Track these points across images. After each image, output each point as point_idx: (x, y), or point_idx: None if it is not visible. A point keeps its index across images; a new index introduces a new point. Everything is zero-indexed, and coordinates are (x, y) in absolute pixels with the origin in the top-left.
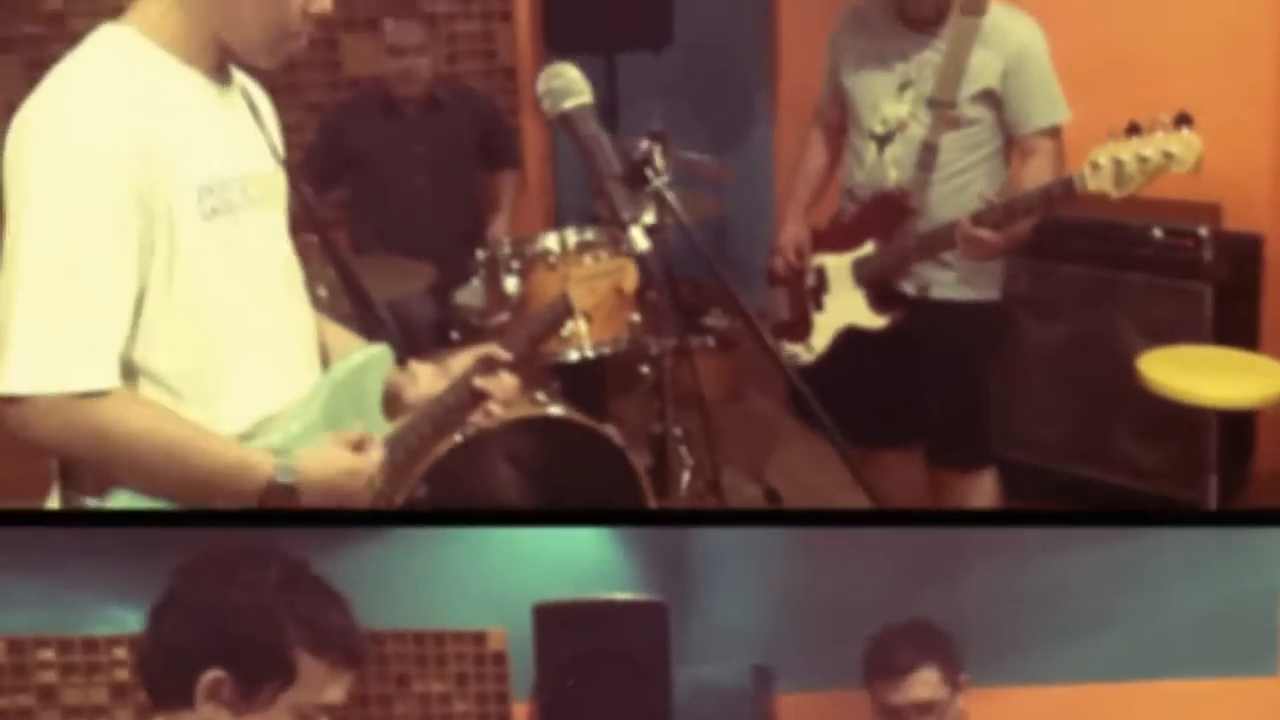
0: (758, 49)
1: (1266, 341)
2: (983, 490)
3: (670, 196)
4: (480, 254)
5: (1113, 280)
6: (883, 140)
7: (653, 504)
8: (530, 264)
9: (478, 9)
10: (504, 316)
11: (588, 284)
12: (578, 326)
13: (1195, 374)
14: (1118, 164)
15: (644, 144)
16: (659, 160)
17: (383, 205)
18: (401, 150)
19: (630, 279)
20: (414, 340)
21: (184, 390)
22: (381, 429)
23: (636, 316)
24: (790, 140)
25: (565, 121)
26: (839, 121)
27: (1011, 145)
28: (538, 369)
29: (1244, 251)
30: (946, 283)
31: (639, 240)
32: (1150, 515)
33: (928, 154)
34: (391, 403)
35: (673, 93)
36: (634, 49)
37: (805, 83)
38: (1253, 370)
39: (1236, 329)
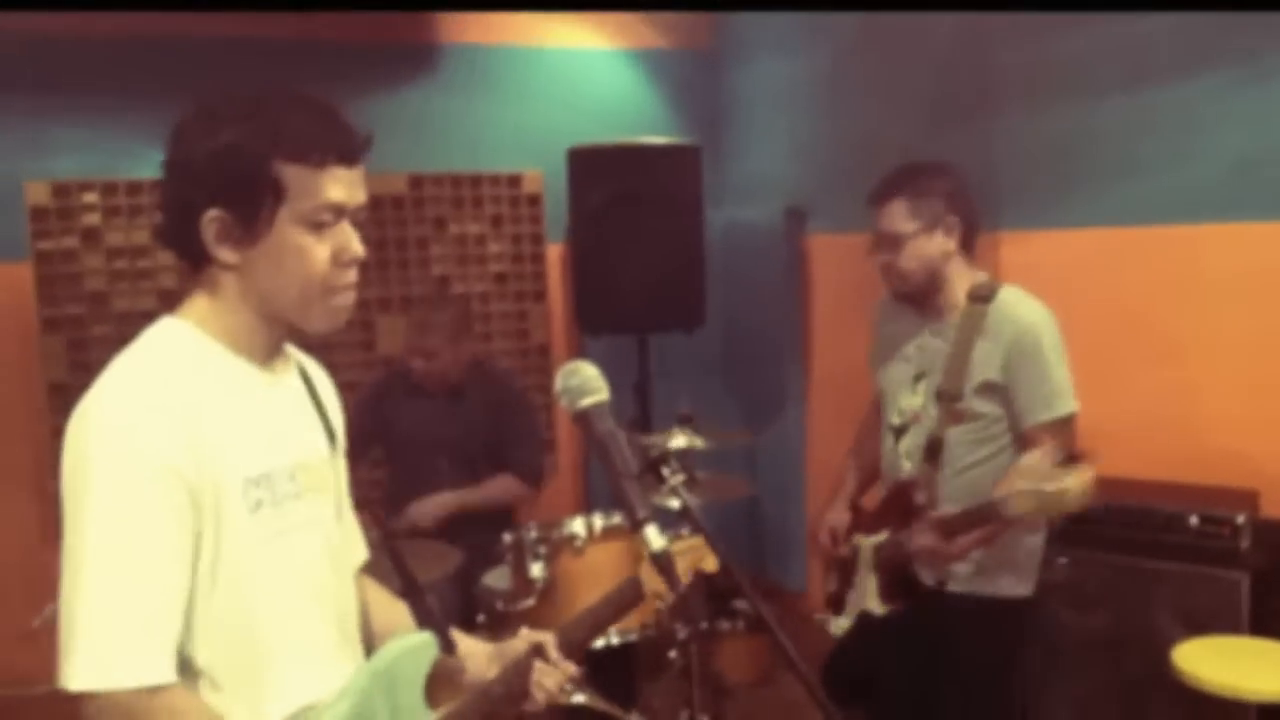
0: (790, 330)
1: None
2: None
3: (685, 496)
4: (507, 537)
5: (1149, 569)
6: (899, 431)
7: None
8: (556, 548)
9: (512, 289)
10: (530, 601)
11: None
12: None
13: (1232, 666)
14: (1038, 494)
15: (669, 436)
16: (674, 461)
17: (409, 487)
18: (426, 432)
19: (711, 559)
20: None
21: (225, 682)
22: (421, 718)
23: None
24: (821, 419)
25: (582, 419)
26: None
27: (1018, 436)
28: None
29: None
30: (963, 576)
31: (654, 539)
32: None
33: (934, 446)
34: (441, 687)
35: (706, 371)
36: (666, 330)
37: (835, 364)
38: None
39: (1274, 619)
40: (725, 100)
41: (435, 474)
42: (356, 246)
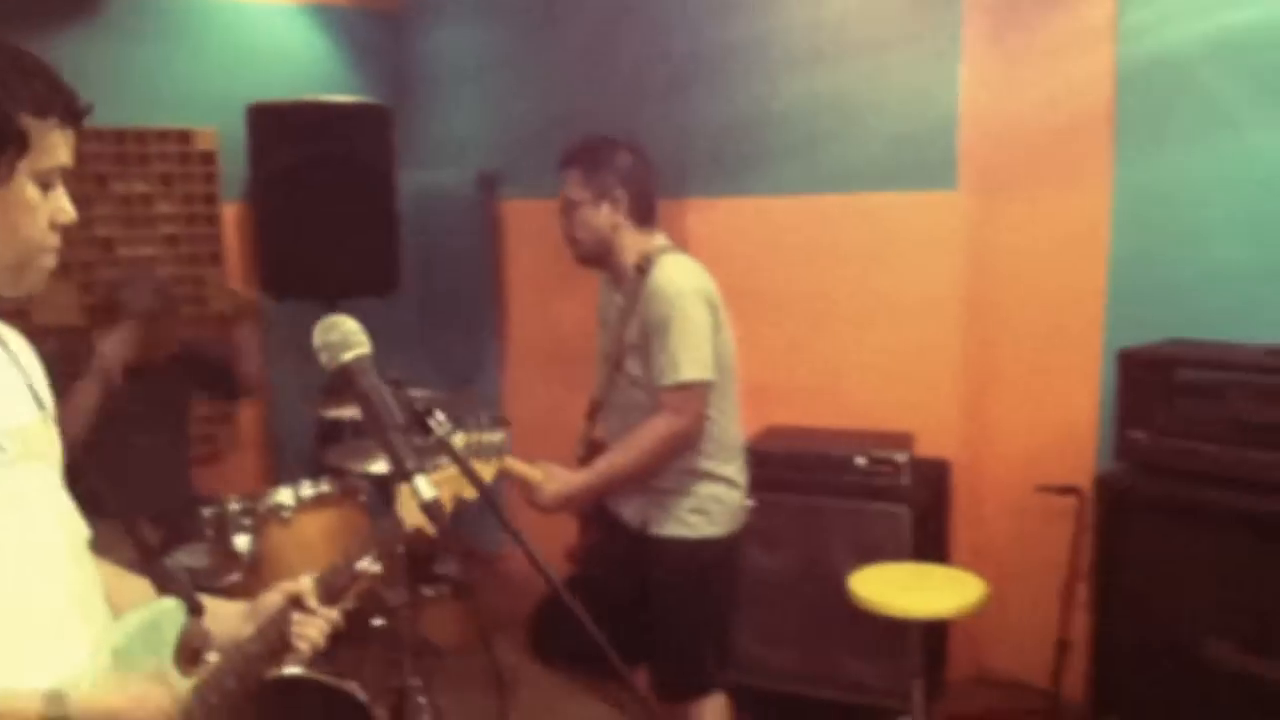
0: (486, 295)
1: (955, 556)
2: (715, 715)
3: (456, 445)
4: (207, 512)
5: (825, 507)
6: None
7: None
8: (262, 520)
9: (185, 252)
10: (235, 576)
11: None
12: None
13: (899, 590)
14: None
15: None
16: (441, 411)
17: (103, 469)
18: (116, 412)
19: (469, 488)
20: None
21: None
22: (178, 685)
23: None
24: (518, 384)
25: (345, 374)
26: None
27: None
28: None
29: (935, 475)
30: (659, 521)
31: (425, 489)
32: None
33: (595, 406)
34: (190, 656)
35: (401, 337)
36: (358, 295)
37: (532, 329)
38: (947, 583)
39: (932, 546)
40: (413, 64)
41: (128, 455)
42: (71, 210)
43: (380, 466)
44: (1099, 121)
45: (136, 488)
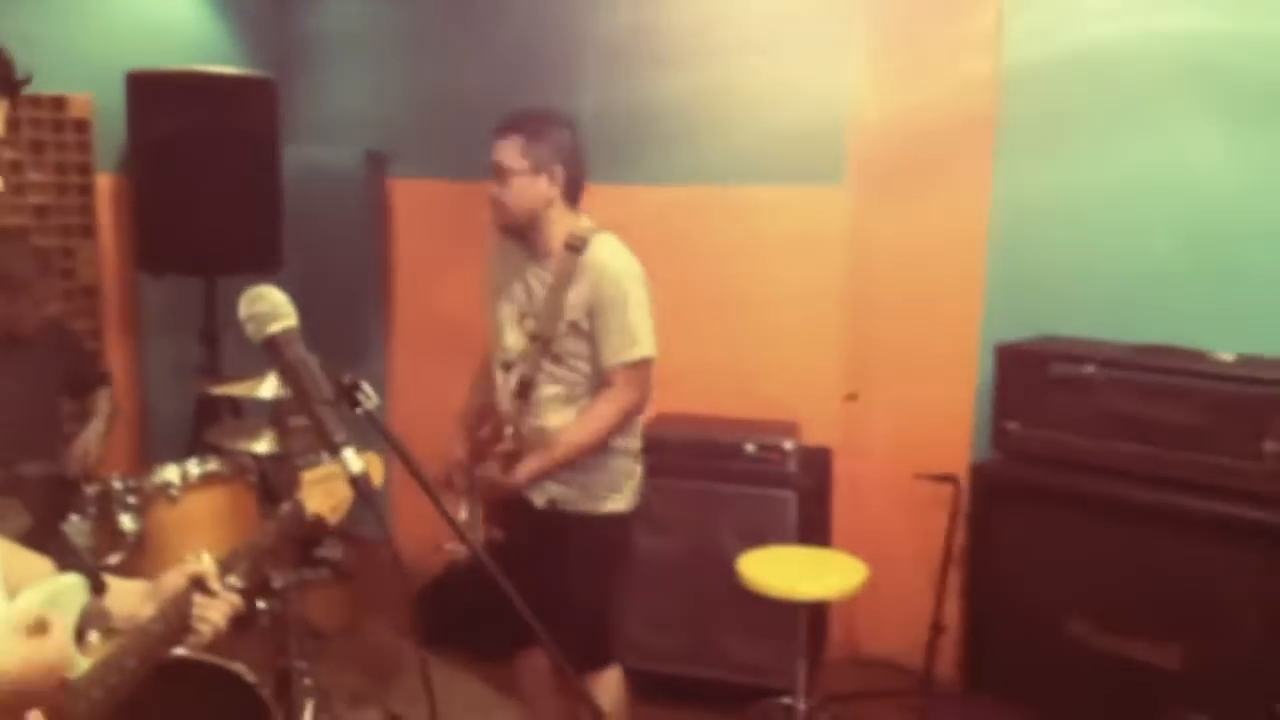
0: (372, 276)
1: (837, 541)
2: (610, 689)
3: (378, 417)
4: (90, 489)
5: (714, 492)
6: (506, 368)
7: None
8: (149, 499)
9: (56, 223)
10: (119, 555)
11: (321, 486)
12: None
13: (785, 573)
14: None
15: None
16: (365, 384)
17: None
18: None
19: (377, 473)
20: None
21: None
22: (75, 667)
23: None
24: (403, 366)
25: (271, 346)
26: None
27: (598, 375)
28: None
29: (819, 462)
30: (569, 498)
31: (354, 462)
32: None
33: (526, 384)
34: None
35: None
36: (239, 273)
37: (418, 311)
38: (830, 566)
39: (816, 530)
40: (301, 36)
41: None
42: None
43: (263, 446)
44: (981, 125)
45: (9, 463)
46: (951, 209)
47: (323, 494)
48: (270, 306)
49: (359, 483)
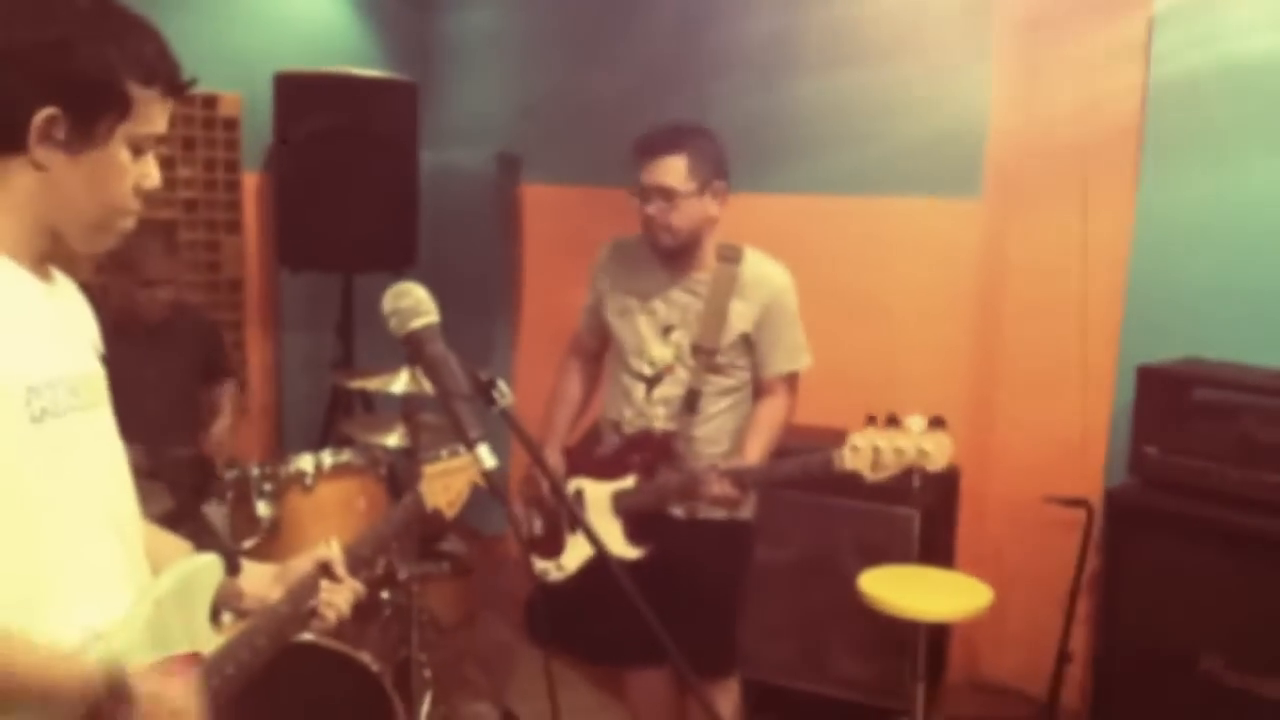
0: (501, 278)
1: (961, 561)
2: (729, 699)
3: (515, 417)
4: (230, 474)
5: (833, 505)
6: (651, 382)
7: None
8: (284, 486)
9: (203, 218)
10: (253, 540)
11: (440, 480)
12: None
13: (907, 591)
14: (876, 451)
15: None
16: (501, 383)
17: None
18: (132, 374)
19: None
20: None
21: (4, 599)
22: (210, 643)
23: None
24: (529, 368)
25: (412, 341)
26: (597, 351)
27: (757, 383)
28: None
29: (944, 482)
30: (708, 507)
31: (487, 458)
32: None
33: (693, 398)
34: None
35: None
36: (373, 270)
37: (545, 315)
38: (952, 588)
39: (938, 550)
40: (437, 41)
41: (145, 418)
42: (157, 177)
43: (393, 440)
44: (1126, 138)
45: (154, 447)
46: (1092, 223)
47: (441, 488)
48: (414, 302)
49: (491, 478)
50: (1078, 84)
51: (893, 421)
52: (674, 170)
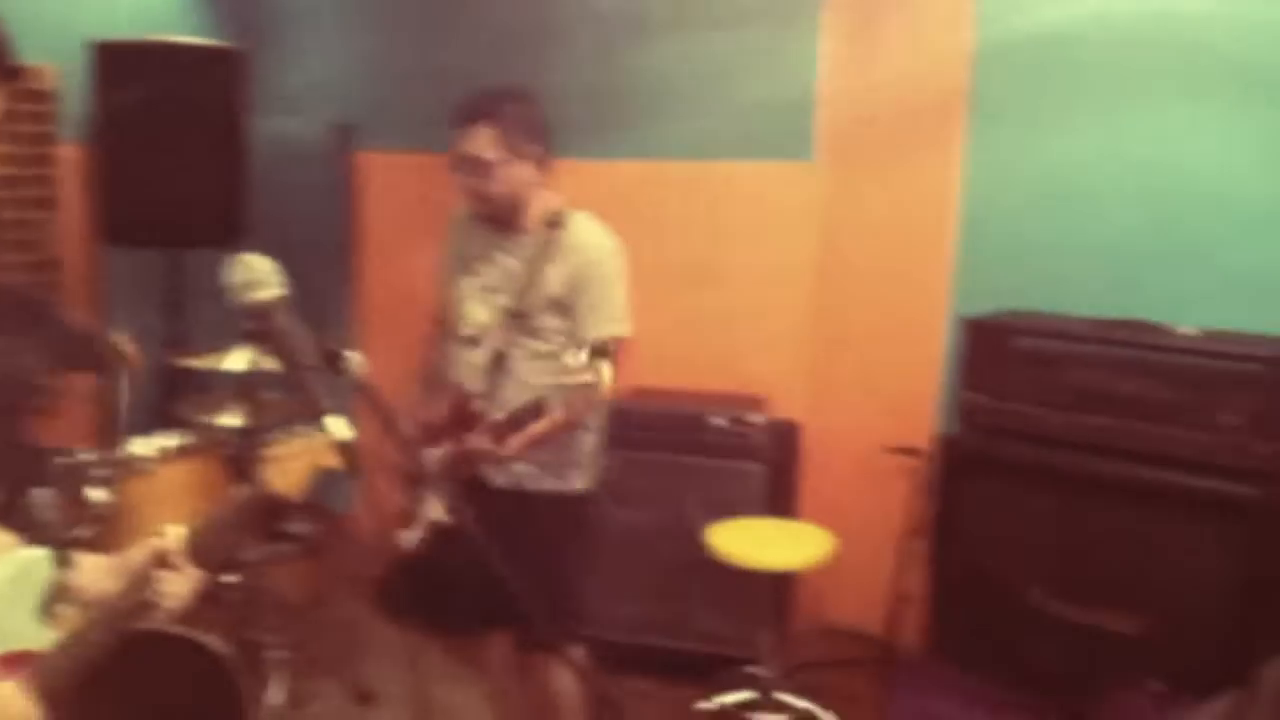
0: (338, 250)
1: (804, 512)
2: (570, 669)
3: (367, 386)
4: (59, 461)
5: (683, 464)
6: (470, 343)
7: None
8: (120, 472)
9: (18, 195)
10: (87, 529)
11: (283, 463)
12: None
13: (754, 544)
14: (566, 389)
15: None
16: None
17: None
18: None
19: (330, 455)
20: None
21: None
22: (42, 639)
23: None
24: (370, 341)
25: (259, 314)
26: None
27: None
28: None
29: (786, 435)
30: (533, 475)
31: (341, 429)
32: None
33: (500, 359)
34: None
35: None
36: (203, 245)
37: (386, 285)
38: (797, 538)
39: (783, 503)
40: (267, 8)
41: None
42: None
43: (233, 420)
44: (954, 100)
45: None
46: (922, 184)
47: (283, 470)
48: (259, 274)
49: (345, 450)
50: (906, 48)
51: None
52: (482, 139)
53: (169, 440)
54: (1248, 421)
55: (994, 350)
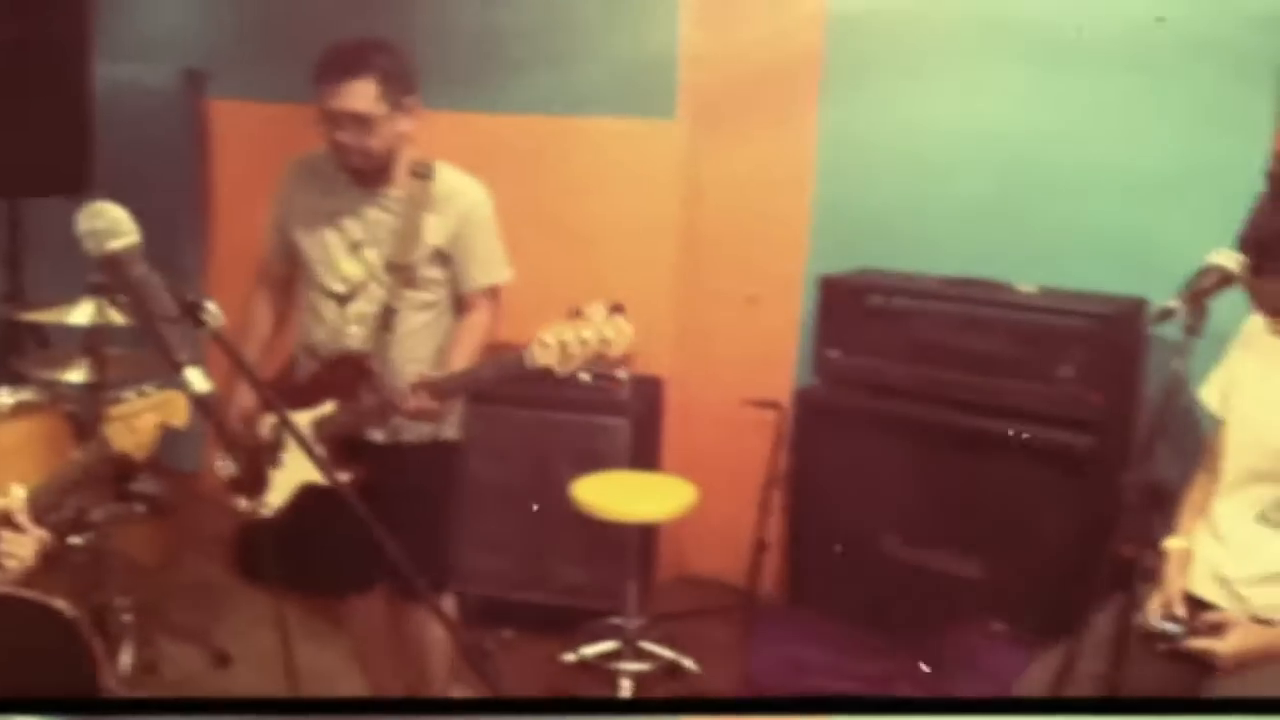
0: (189, 200)
1: (668, 465)
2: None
3: (227, 339)
4: None
5: (549, 420)
6: (344, 299)
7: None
8: None
9: None
10: None
11: (127, 421)
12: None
13: (618, 496)
14: (563, 344)
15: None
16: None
17: None
18: None
19: (180, 412)
20: None
21: None
22: None
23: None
24: (223, 295)
25: (112, 263)
26: (285, 278)
27: (457, 299)
28: None
29: (651, 390)
30: (414, 427)
31: (198, 382)
32: None
33: (388, 315)
34: None
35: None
36: (44, 194)
37: (240, 237)
38: (660, 490)
39: (647, 456)
40: None
41: None
42: None
43: (76, 376)
44: (808, 63)
45: None
46: (780, 145)
47: (128, 429)
48: (112, 222)
49: (203, 402)
50: (765, 10)
51: (576, 314)
52: (364, 94)
53: (8, 397)
54: (1081, 374)
55: (848, 307)
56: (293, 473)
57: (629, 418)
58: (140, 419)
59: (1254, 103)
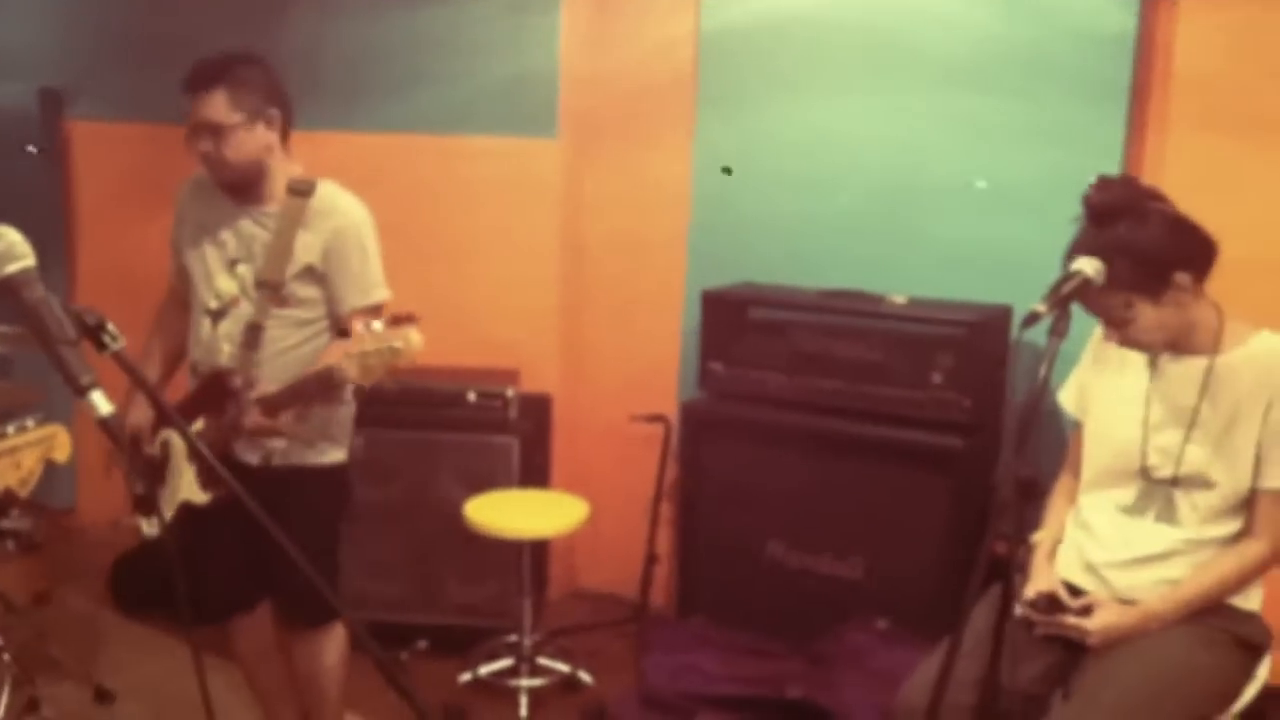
0: (49, 223)
1: (557, 482)
2: (334, 644)
3: (129, 361)
4: None
5: (435, 441)
6: (216, 316)
7: None
8: None
9: None
10: None
11: (10, 458)
12: None
13: (509, 514)
14: (362, 355)
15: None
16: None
17: None
18: None
19: (64, 447)
20: None
21: None
22: None
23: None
24: None
25: (8, 287)
26: (186, 295)
27: (334, 320)
28: None
29: (539, 407)
30: (288, 452)
31: (101, 405)
32: None
33: (254, 332)
34: None
35: None
36: None
37: (103, 259)
38: (551, 507)
39: (536, 473)
40: None
41: None
42: None
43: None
44: (683, 83)
45: None
46: (658, 163)
47: (11, 465)
48: (6, 245)
49: (108, 426)
50: (640, 31)
51: (367, 328)
52: (215, 105)
53: None
54: (951, 379)
55: (729, 320)
56: (174, 491)
57: (517, 436)
58: (23, 454)
59: (1104, 123)
